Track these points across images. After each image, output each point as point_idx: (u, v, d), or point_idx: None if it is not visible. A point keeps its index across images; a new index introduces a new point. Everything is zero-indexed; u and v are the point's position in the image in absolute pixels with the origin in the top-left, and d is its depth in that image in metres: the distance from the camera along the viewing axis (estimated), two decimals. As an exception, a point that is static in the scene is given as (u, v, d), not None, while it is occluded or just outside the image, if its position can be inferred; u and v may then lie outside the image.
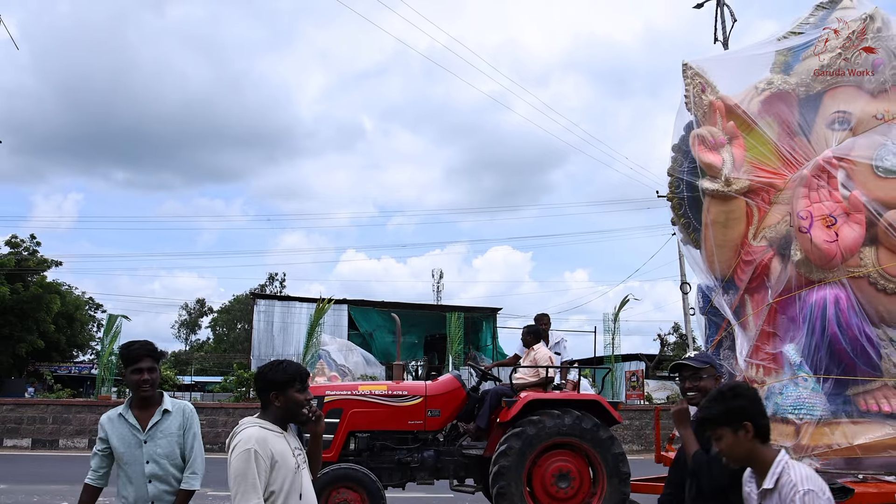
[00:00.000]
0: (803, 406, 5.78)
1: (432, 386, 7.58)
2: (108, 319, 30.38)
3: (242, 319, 50.15)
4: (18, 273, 35.20)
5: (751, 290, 6.50)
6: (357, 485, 7.01)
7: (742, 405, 3.00)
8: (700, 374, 3.89)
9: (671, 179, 6.77)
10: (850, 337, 5.73)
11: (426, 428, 7.39)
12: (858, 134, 6.30)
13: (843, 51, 6.41)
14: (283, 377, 3.34)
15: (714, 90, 6.57)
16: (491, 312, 32.83)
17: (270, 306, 34.60)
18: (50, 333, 36.15)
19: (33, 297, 34.79)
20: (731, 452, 3.01)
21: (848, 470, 5.62)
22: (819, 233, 5.86)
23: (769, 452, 3.01)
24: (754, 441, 2.97)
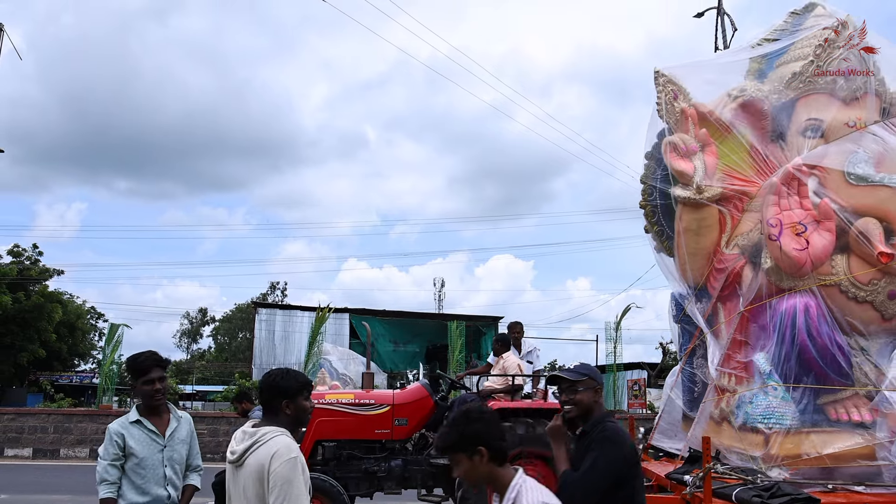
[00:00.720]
0: (773, 415, 5.73)
1: (399, 395, 7.54)
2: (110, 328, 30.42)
3: (244, 328, 50.13)
4: (20, 282, 35.30)
5: (723, 299, 6.47)
6: (323, 495, 6.95)
7: (476, 430, 2.97)
8: (576, 386, 3.69)
9: (644, 187, 6.75)
10: (819, 345, 5.68)
11: (393, 437, 7.33)
12: (830, 141, 6.26)
13: (816, 58, 6.38)
14: (296, 385, 3.37)
15: (687, 97, 6.55)
16: (492, 321, 32.83)
17: (272, 315, 34.65)
18: (51, 343, 36.23)
19: (35, 306, 34.91)
20: (469, 477, 3.00)
21: (818, 480, 5.56)
22: (788, 240, 5.82)
23: (506, 475, 2.97)
24: (490, 465, 2.95)
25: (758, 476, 5.42)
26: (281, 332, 33.33)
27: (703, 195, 6.23)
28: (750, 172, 6.34)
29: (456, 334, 27.26)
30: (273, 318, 34.06)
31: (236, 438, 3.31)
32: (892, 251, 5.74)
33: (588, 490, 3.23)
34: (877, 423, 5.65)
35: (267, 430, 3.23)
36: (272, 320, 33.77)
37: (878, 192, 5.92)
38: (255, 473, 3.13)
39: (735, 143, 6.41)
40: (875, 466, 5.58)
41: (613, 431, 3.54)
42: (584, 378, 3.72)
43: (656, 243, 6.90)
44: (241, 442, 3.25)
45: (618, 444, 3.48)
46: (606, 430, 3.54)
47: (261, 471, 3.12)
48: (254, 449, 3.18)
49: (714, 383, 6.33)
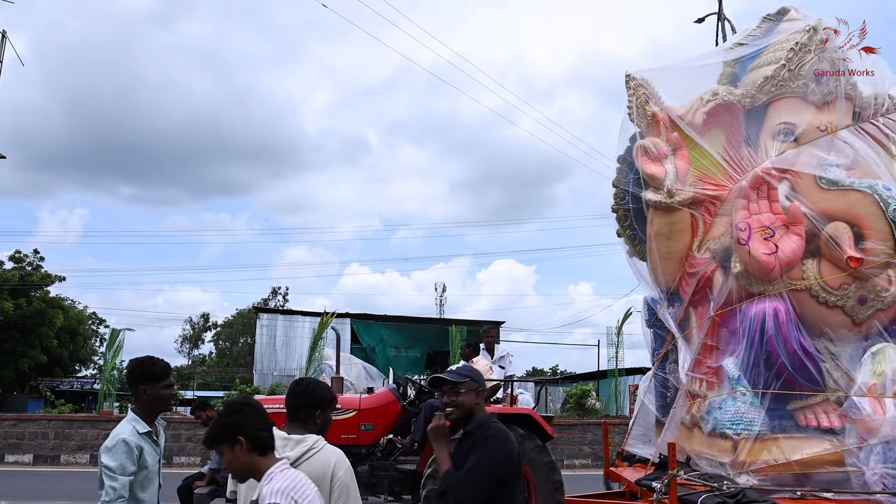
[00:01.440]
0: (741, 421, 5.69)
1: (366, 400, 7.51)
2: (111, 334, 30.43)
3: (245, 333, 50.16)
4: (22, 288, 35.38)
5: (695, 303, 6.44)
6: None
7: (235, 421, 3.02)
8: (457, 388, 3.67)
9: (616, 191, 6.72)
10: (788, 350, 5.64)
11: (360, 442, 7.29)
12: (802, 145, 6.23)
13: (788, 62, 6.36)
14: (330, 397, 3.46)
15: (658, 101, 6.53)
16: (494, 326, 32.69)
17: (273, 320, 34.61)
18: (53, 348, 36.31)
19: (36, 311, 35.00)
20: (232, 467, 3.04)
21: (786, 487, 5.51)
22: (757, 244, 5.78)
23: (266, 464, 3.00)
24: (252, 454, 2.99)
25: (724, 482, 5.38)
26: (282, 338, 33.29)
27: (674, 199, 6.20)
28: (722, 176, 6.31)
29: (457, 339, 27.16)
30: (274, 324, 34.01)
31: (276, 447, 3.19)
32: (861, 256, 5.70)
33: (474, 488, 3.23)
34: (846, 430, 5.60)
35: (315, 438, 3.27)
36: (273, 325, 33.73)
37: (849, 196, 5.88)
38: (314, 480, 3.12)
39: (707, 146, 6.38)
40: (844, 473, 5.53)
41: (498, 431, 3.54)
42: (466, 380, 3.70)
43: (629, 247, 6.88)
44: (289, 449, 3.22)
45: (502, 444, 3.46)
46: (490, 430, 3.53)
47: (322, 478, 3.17)
48: (309, 456, 3.21)
49: (684, 388, 6.29)
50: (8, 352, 34.48)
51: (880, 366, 5.69)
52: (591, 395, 26.52)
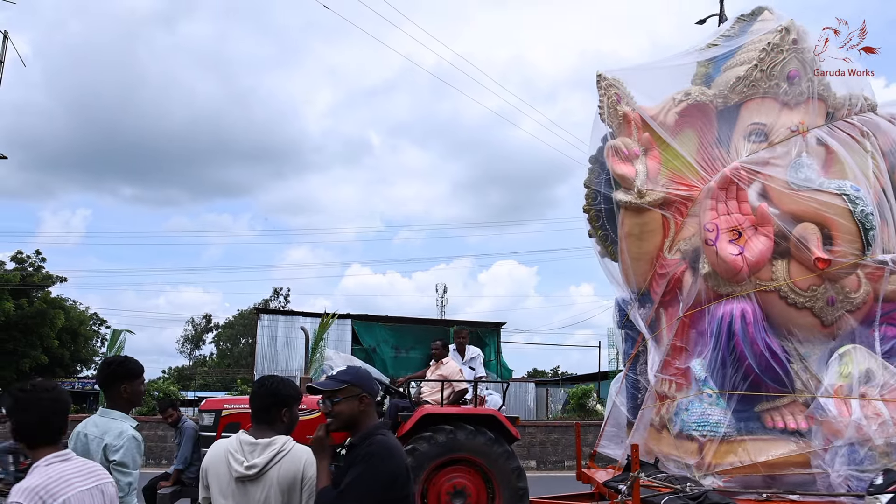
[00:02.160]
0: (707, 423, 5.67)
1: None
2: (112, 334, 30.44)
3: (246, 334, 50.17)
4: (23, 288, 35.43)
5: (665, 304, 6.41)
6: None
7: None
8: (335, 396, 3.31)
9: (588, 191, 6.69)
10: (755, 352, 5.61)
11: None
12: (774, 146, 6.20)
13: (759, 62, 6.33)
14: (295, 394, 3.35)
15: (630, 101, 6.50)
16: (494, 327, 32.63)
17: (274, 321, 34.54)
18: (54, 349, 36.30)
19: (37, 312, 35.00)
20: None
21: (750, 489, 5.49)
22: (725, 245, 5.76)
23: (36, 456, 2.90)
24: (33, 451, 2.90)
25: (688, 484, 5.35)
26: (283, 338, 33.23)
27: (645, 199, 6.17)
28: (693, 177, 6.28)
29: (459, 341, 27.13)
30: (275, 324, 33.94)
31: (242, 451, 3.16)
32: (828, 257, 5.67)
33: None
34: (812, 431, 5.58)
35: (284, 440, 3.20)
36: (274, 326, 33.66)
37: (818, 197, 5.85)
38: (285, 483, 3.11)
39: (679, 147, 6.35)
40: (809, 475, 5.51)
41: (381, 446, 3.18)
42: (344, 386, 3.33)
43: (600, 248, 6.85)
44: (257, 454, 3.14)
45: (383, 461, 3.12)
46: (374, 444, 3.18)
47: (292, 480, 3.12)
48: (278, 460, 3.14)
49: (653, 390, 6.27)
50: (9, 352, 34.48)
51: (847, 367, 5.67)
52: (591, 397, 26.48)
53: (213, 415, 7.45)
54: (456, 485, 7.21)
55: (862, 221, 5.69)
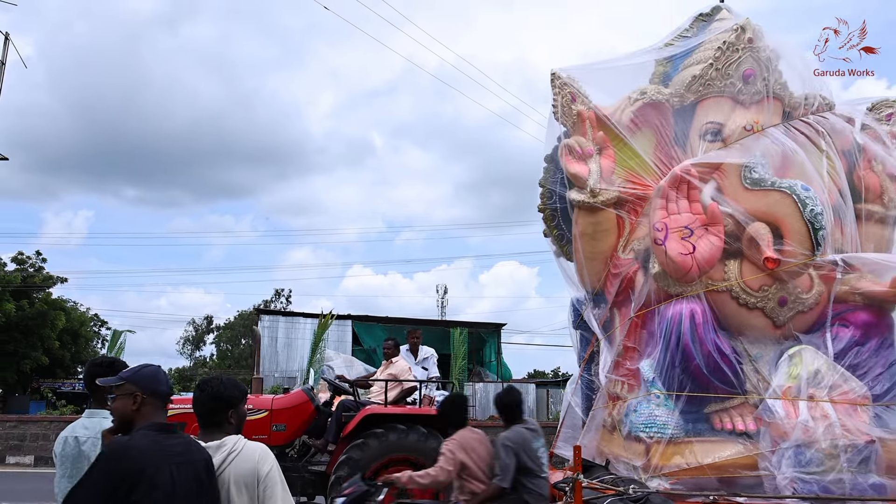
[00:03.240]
0: (654, 424, 5.61)
1: (278, 400, 7.44)
2: (113, 335, 30.51)
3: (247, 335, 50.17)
4: (24, 289, 35.49)
5: (618, 304, 6.36)
6: None
7: None
8: (111, 392, 3.18)
9: (543, 190, 6.65)
10: (703, 353, 5.55)
11: (271, 442, 7.17)
12: (730, 144, 6.15)
13: (715, 61, 6.27)
14: (239, 394, 3.27)
15: (585, 100, 6.45)
16: (495, 328, 32.61)
17: (275, 322, 34.61)
18: (54, 350, 36.31)
19: (38, 313, 35.04)
20: None
21: (695, 491, 5.42)
22: (674, 245, 5.70)
23: None
24: None
25: (631, 486, 5.29)
26: (284, 339, 33.27)
27: (598, 198, 6.12)
28: (648, 176, 6.23)
29: (459, 341, 27.09)
30: (276, 325, 34.00)
31: None
32: (778, 257, 5.61)
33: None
34: (760, 433, 5.52)
35: (234, 440, 3.15)
36: (275, 327, 33.71)
37: (770, 196, 5.80)
38: (241, 482, 3.06)
39: (636, 146, 6.30)
40: (757, 477, 5.45)
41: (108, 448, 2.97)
42: (120, 384, 3.20)
43: (556, 247, 6.80)
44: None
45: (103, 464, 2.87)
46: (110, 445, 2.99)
47: (249, 478, 3.06)
48: (231, 460, 3.08)
49: (605, 390, 6.22)
50: (10, 353, 34.54)
51: (796, 368, 5.61)
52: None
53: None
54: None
55: (811, 221, 5.63)
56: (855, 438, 5.31)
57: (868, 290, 5.83)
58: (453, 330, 27.98)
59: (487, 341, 32.56)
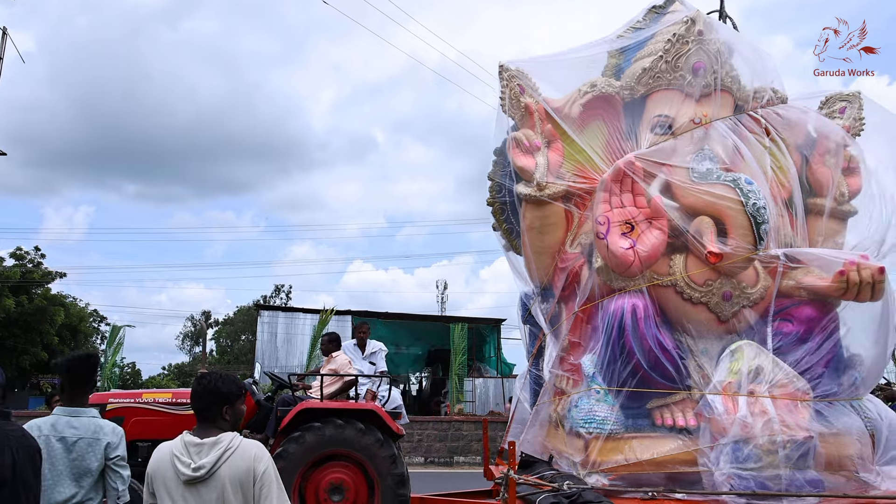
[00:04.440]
0: (593, 420, 5.57)
1: None
2: (112, 330, 30.57)
3: (246, 331, 50.28)
4: (23, 285, 35.60)
5: (565, 299, 6.32)
6: None
7: None
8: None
9: (492, 184, 6.59)
10: (644, 348, 5.51)
11: None
12: (674, 138, 6.10)
13: (665, 53, 6.22)
14: (236, 390, 3.29)
15: (535, 92, 6.39)
16: (495, 323, 32.56)
17: (274, 317, 34.62)
18: (54, 345, 36.43)
19: (37, 309, 35.15)
20: None
21: (636, 487, 5.39)
22: (615, 239, 5.65)
23: None
24: None
25: (566, 483, 5.26)
26: (283, 335, 33.29)
27: (545, 192, 6.06)
28: (596, 170, 6.17)
29: (459, 337, 27.07)
30: (275, 321, 34.02)
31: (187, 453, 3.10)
32: (720, 251, 5.57)
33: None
34: (700, 429, 5.47)
35: (230, 437, 3.15)
36: (274, 323, 33.73)
37: (715, 190, 5.75)
38: (237, 481, 3.06)
39: (579, 139, 6.25)
40: (696, 473, 5.41)
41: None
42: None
43: (505, 242, 6.75)
44: (204, 454, 3.08)
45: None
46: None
47: (244, 476, 3.07)
48: (227, 458, 3.08)
49: (549, 386, 6.19)
50: (9, 349, 34.68)
51: (737, 364, 5.57)
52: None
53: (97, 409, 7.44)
54: (333, 480, 7.14)
55: (753, 215, 5.58)
56: (794, 434, 5.27)
57: (811, 284, 5.78)
58: (453, 325, 27.96)
59: (487, 337, 32.50)
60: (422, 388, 37.39)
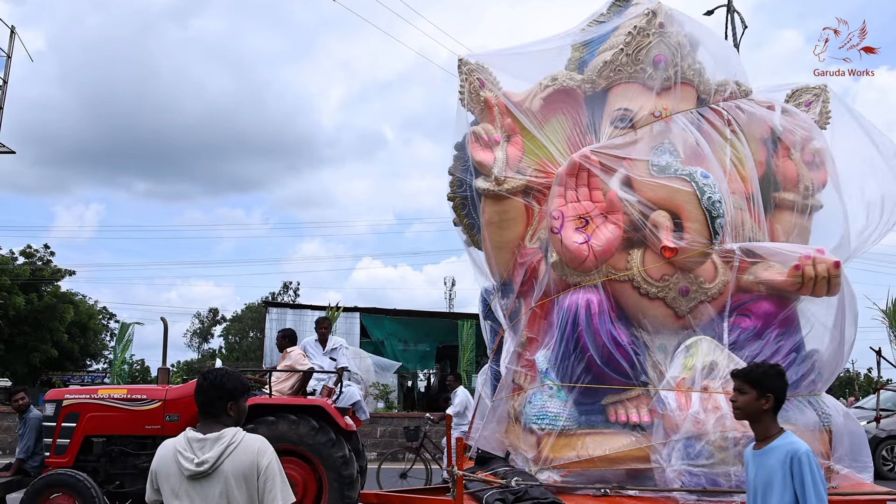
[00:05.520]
0: (546, 416, 5.52)
1: (172, 390, 7.47)
2: (121, 327, 30.68)
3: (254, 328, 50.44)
4: (33, 283, 35.87)
5: (524, 294, 6.27)
6: (71, 490, 6.88)
7: None
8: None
9: (452, 179, 6.56)
10: (598, 343, 5.45)
11: (164, 433, 7.21)
12: (638, 131, 6.04)
13: (625, 46, 6.17)
14: (241, 387, 3.29)
15: (496, 86, 6.34)
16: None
17: (282, 314, 34.61)
18: (63, 343, 36.71)
19: (47, 306, 35.42)
20: None
21: (589, 483, 5.34)
22: (570, 233, 5.59)
23: None
24: None
25: (514, 479, 5.23)
26: (291, 332, 33.41)
27: (503, 187, 6.01)
28: (558, 164, 6.11)
29: (467, 334, 27.01)
30: (284, 318, 34.08)
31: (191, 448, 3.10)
32: (674, 245, 5.51)
33: None
34: (654, 425, 5.42)
35: (233, 432, 3.16)
36: (283, 320, 33.75)
37: (669, 184, 5.70)
38: (240, 475, 3.08)
39: (544, 133, 6.20)
40: (649, 469, 5.37)
41: None
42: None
43: (466, 237, 6.70)
44: (207, 450, 3.09)
45: None
46: None
47: (248, 471, 3.08)
48: (230, 452, 3.09)
49: (506, 381, 6.14)
50: (20, 346, 34.98)
51: (692, 359, 5.51)
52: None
53: (54, 405, 7.52)
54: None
55: (709, 209, 5.52)
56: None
57: (768, 279, 5.71)
58: (462, 322, 27.88)
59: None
60: (430, 385, 37.37)
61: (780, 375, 3.59)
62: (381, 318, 33.83)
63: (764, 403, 3.49)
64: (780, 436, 3.47)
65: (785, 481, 3.31)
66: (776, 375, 3.57)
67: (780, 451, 3.37)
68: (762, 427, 3.54)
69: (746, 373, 3.61)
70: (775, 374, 3.57)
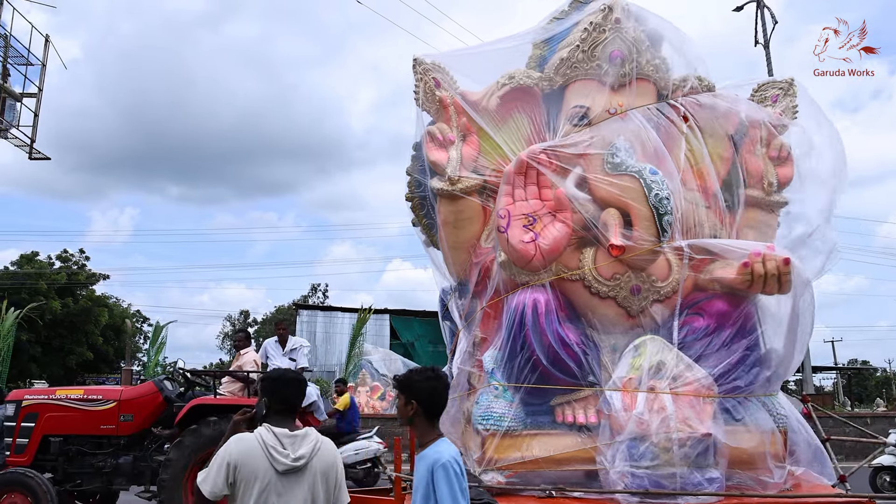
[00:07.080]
0: (491, 416, 5.45)
1: (127, 391, 7.57)
2: (154, 329, 31.20)
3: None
4: (69, 287, 36.58)
5: (478, 294, 6.21)
6: (26, 490, 6.96)
7: None
8: None
9: (410, 179, 6.53)
10: (544, 343, 5.38)
11: (119, 433, 7.31)
12: (592, 128, 5.96)
13: (581, 43, 6.09)
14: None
15: (452, 85, 6.29)
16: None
17: (313, 317, 35.04)
18: (98, 345, 37.45)
19: (82, 310, 36.20)
20: None
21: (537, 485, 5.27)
22: (516, 232, 5.52)
23: None
24: None
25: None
26: (322, 334, 33.64)
27: (457, 186, 5.95)
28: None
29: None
30: (314, 320, 34.41)
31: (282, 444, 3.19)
32: (622, 243, 5.42)
33: None
34: (601, 426, 5.34)
35: (314, 432, 3.34)
36: (313, 322, 34.11)
37: (619, 181, 5.61)
38: (326, 473, 3.27)
39: (500, 132, 6.14)
40: (594, 471, 5.29)
41: None
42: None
43: (425, 237, 6.66)
44: (300, 446, 3.22)
45: None
46: None
47: (330, 469, 3.29)
48: (318, 449, 3.27)
49: (457, 381, 6.09)
50: (56, 349, 35.76)
51: (639, 359, 5.42)
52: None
53: (14, 405, 7.64)
54: None
55: (656, 206, 5.42)
56: (692, 431, 5.11)
57: (720, 276, 5.60)
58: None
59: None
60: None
61: (430, 381, 3.48)
62: (410, 320, 34.00)
63: (410, 410, 3.41)
64: (433, 443, 3.37)
65: (428, 490, 3.22)
66: (424, 381, 3.47)
67: (427, 460, 3.29)
68: (418, 432, 3.47)
69: (399, 379, 3.55)
70: (423, 380, 3.47)
